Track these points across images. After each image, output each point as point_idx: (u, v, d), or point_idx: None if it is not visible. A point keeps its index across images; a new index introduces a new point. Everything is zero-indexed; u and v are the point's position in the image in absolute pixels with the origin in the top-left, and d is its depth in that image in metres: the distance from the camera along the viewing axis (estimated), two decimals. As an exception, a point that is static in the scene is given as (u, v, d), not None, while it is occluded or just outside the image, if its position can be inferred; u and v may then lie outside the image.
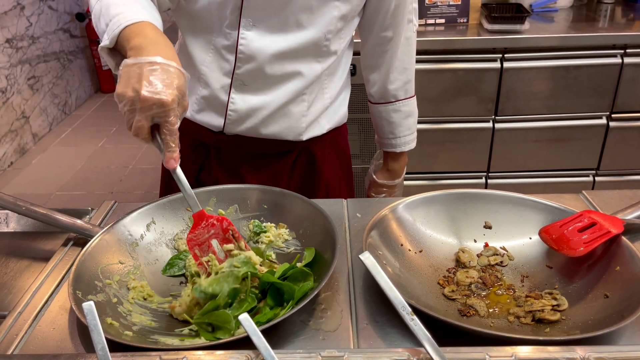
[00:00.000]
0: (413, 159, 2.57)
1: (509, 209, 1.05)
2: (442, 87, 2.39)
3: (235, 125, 1.22)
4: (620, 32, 2.32)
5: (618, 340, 0.80)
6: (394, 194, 1.47)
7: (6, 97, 3.71)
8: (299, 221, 1.04)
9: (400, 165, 1.45)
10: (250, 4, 1.09)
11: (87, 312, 0.71)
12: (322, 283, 0.84)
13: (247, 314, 0.73)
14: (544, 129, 2.47)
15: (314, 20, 1.13)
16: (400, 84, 1.35)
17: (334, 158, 1.39)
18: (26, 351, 0.81)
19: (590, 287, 0.89)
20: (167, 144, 0.88)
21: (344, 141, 1.44)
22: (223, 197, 1.09)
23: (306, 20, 1.12)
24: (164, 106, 0.84)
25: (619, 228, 0.94)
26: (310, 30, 1.13)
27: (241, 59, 1.14)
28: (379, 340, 0.81)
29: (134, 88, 0.84)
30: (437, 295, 0.93)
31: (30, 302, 0.90)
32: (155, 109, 0.84)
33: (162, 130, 0.87)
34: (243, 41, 1.13)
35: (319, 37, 1.15)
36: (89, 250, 0.92)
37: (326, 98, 1.27)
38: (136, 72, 0.85)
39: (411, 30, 1.29)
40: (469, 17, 2.48)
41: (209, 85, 1.19)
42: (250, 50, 1.13)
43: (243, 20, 1.11)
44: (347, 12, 1.15)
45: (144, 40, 0.90)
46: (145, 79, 0.84)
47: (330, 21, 1.14)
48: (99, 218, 1.13)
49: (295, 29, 1.13)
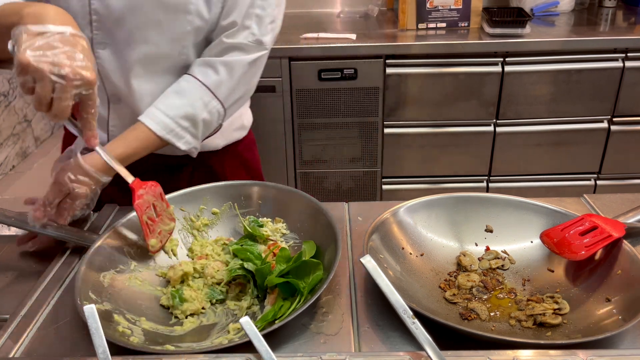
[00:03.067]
0: (414, 163, 2.58)
1: (510, 213, 1.05)
2: (443, 91, 2.40)
3: None
4: (621, 36, 2.33)
5: (620, 344, 0.80)
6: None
7: (8, 100, 3.72)
8: (296, 215, 1.04)
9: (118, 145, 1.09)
10: (100, 19, 1.05)
11: (88, 315, 0.71)
12: (331, 273, 0.85)
13: (248, 318, 0.73)
14: (545, 132, 2.47)
15: (165, 36, 1.08)
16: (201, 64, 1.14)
17: (239, 169, 1.35)
18: (28, 354, 0.81)
19: (591, 291, 0.89)
20: (89, 122, 0.83)
21: (249, 152, 1.38)
22: (216, 195, 1.09)
23: (155, 35, 1.07)
24: (90, 84, 0.79)
25: (620, 232, 0.94)
26: (162, 46, 1.08)
27: (104, 78, 1.12)
28: (380, 343, 0.81)
29: (52, 62, 0.76)
30: (438, 298, 0.93)
31: (32, 306, 0.90)
32: (81, 88, 0.79)
33: (85, 109, 0.82)
34: (99, 61, 1.09)
35: (173, 54, 1.10)
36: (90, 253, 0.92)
37: None
38: (46, 43, 0.76)
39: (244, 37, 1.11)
40: (470, 21, 2.49)
41: None
42: (107, 70, 1.11)
43: (95, 38, 1.08)
44: (201, 25, 1.09)
45: (39, 8, 0.80)
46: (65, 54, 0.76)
47: (184, 36, 1.08)
48: (100, 222, 1.13)
49: (144, 46, 1.08)
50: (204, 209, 1.08)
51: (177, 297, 0.89)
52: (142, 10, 1.05)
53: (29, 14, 0.79)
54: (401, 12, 2.48)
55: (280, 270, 0.90)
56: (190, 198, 1.07)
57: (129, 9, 1.04)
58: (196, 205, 1.07)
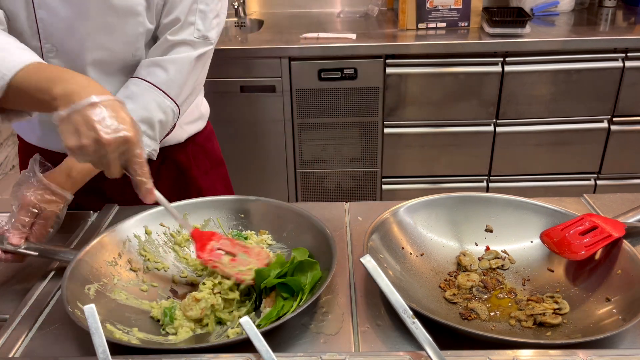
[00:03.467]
0: (414, 162, 2.58)
1: (510, 213, 1.05)
2: (443, 90, 2.40)
3: None
4: (621, 36, 2.33)
5: (620, 344, 0.80)
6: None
7: (8, 100, 3.72)
8: (281, 225, 1.04)
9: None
10: (46, 28, 1.04)
11: (88, 315, 0.71)
12: (331, 272, 0.85)
13: (248, 317, 0.73)
14: (545, 132, 2.47)
15: (117, 39, 1.07)
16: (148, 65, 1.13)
17: (204, 161, 1.35)
18: (27, 354, 0.81)
19: (591, 291, 0.89)
20: (140, 181, 0.84)
21: (210, 143, 1.39)
22: (196, 211, 1.07)
23: (108, 40, 1.07)
24: (129, 141, 0.81)
25: (620, 231, 0.94)
26: (114, 49, 1.08)
27: None
28: (380, 343, 0.81)
29: (90, 136, 0.79)
30: (438, 298, 0.93)
31: (32, 306, 0.90)
32: (122, 147, 0.81)
33: (132, 166, 0.83)
34: None
35: (127, 57, 1.10)
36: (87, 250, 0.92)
37: None
38: (81, 120, 0.79)
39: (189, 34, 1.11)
40: (470, 21, 2.49)
41: None
42: None
43: (44, 48, 1.05)
44: (153, 27, 1.10)
45: (67, 85, 0.82)
46: (96, 123, 0.79)
47: (136, 38, 1.09)
48: (100, 221, 1.14)
49: (97, 50, 1.07)
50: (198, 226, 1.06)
51: (168, 315, 0.87)
52: (91, 16, 1.03)
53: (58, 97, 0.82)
54: (401, 12, 2.49)
55: (277, 272, 0.90)
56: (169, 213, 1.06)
57: (77, 16, 1.03)
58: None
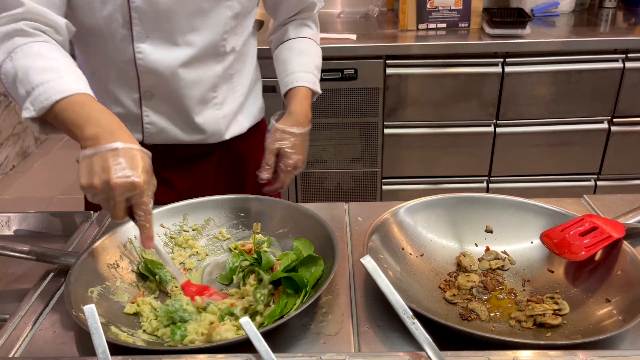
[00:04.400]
0: (415, 163, 2.58)
1: (510, 213, 1.05)
2: (443, 91, 2.40)
3: (153, 137, 1.22)
4: (621, 37, 2.33)
5: (620, 344, 0.80)
6: (295, 152, 1.19)
7: (9, 100, 3.72)
8: (280, 222, 1.04)
9: (301, 108, 1.23)
10: (140, 16, 1.08)
11: (88, 315, 0.71)
12: (334, 267, 0.85)
13: (247, 318, 0.73)
14: (545, 133, 2.47)
15: (208, 23, 1.13)
16: (296, 25, 1.33)
17: (259, 154, 1.37)
18: (27, 354, 0.81)
19: (591, 292, 0.89)
20: (142, 225, 0.87)
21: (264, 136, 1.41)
22: (196, 211, 1.08)
23: (200, 24, 1.12)
24: (137, 188, 0.84)
25: (620, 232, 0.94)
26: (205, 34, 1.14)
27: (142, 72, 1.14)
28: (380, 344, 0.81)
29: (102, 178, 0.83)
30: (438, 299, 0.93)
31: (32, 305, 0.90)
32: (129, 193, 0.84)
33: (137, 211, 0.87)
34: (140, 55, 1.12)
35: (215, 40, 1.15)
36: (89, 253, 0.92)
37: (238, 95, 1.28)
38: (99, 161, 0.84)
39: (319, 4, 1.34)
40: (470, 21, 2.49)
41: (120, 101, 1.18)
42: (149, 62, 1.12)
43: (135, 34, 1.10)
44: (240, 11, 1.16)
45: (98, 129, 0.87)
46: (112, 167, 0.83)
47: (225, 22, 1.15)
48: (100, 222, 1.14)
49: (190, 34, 1.12)
50: (183, 225, 1.07)
51: (177, 334, 0.84)
52: (188, 1, 1.09)
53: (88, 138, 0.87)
54: (401, 12, 2.48)
55: (285, 265, 0.90)
56: (170, 214, 1.06)
57: (175, 2, 1.08)
58: (176, 221, 1.07)
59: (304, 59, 1.28)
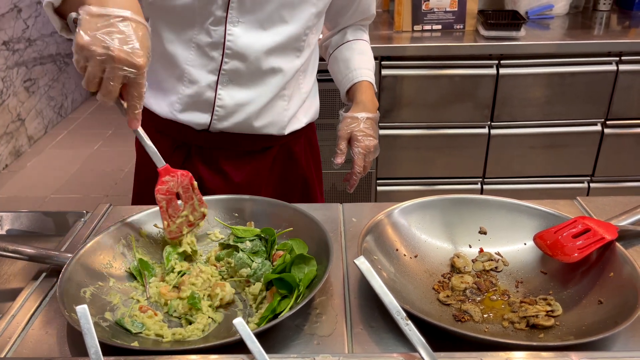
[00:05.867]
0: (409, 164, 2.58)
1: (504, 215, 1.05)
2: (438, 93, 2.40)
3: (221, 122, 1.22)
4: (615, 40, 2.34)
5: (612, 346, 0.80)
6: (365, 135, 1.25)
7: (2, 99, 3.70)
8: (275, 223, 1.04)
9: (367, 97, 1.30)
10: (239, 4, 1.11)
11: (80, 315, 0.70)
12: (328, 267, 0.85)
13: (241, 319, 0.73)
14: (539, 135, 2.48)
15: (295, 16, 1.16)
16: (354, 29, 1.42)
17: (308, 152, 1.41)
18: (19, 354, 0.80)
19: (584, 293, 0.90)
20: (133, 105, 0.84)
21: (314, 135, 1.46)
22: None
23: (288, 15, 1.15)
24: (138, 69, 0.81)
25: (613, 234, 0.94)
26: (292, 25, 1.17)
27: (229, 54, 1.15)
28: (374, 345, 0.81)
29: (104, 44, 0.78)
30: (431, 300, 0.93)
31: (24, 306, 0.89)
32: (128, 70, 0.80)
33: (131, 92, 0.83)
34: (230, 37, 1.13)
35: (299, 33, 1.18)
36: (82, 253, 0.92)
37: (302, 92, 1.30)
38: (105, 25, 0.78)
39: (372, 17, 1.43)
40: (465, 23, 2.49)
41: (195, 83, 1.18)
42: (238, 46, 1.14)
43: (229, 17, 1.12)
44: (322, 9, 1.21)
45: None
46: (119, 38, 0.78)
47: (309, 17, 1.18)
48: (93, 221, 1.13)
49: (279, 24, 1.15)
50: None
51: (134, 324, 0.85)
52: None
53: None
54: (397, 13, 2.49)
55: (278, 265, 0.90)
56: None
57: None
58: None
59: (364, 57, 1.37)
